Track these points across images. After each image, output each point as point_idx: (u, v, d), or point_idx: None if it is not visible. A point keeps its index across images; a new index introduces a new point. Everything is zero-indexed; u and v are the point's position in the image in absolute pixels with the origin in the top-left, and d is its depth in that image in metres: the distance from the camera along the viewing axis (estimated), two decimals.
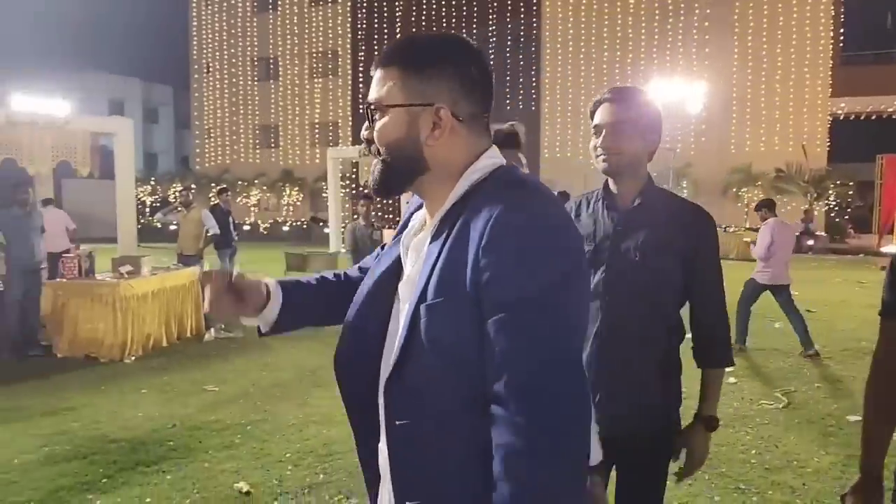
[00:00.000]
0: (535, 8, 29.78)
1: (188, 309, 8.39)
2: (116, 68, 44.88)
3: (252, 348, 7.79)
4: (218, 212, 10.16)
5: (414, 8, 31.54)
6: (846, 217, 25.66)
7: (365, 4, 32.68)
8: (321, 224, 26.60)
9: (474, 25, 30.15)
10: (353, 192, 27.00)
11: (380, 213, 24.30)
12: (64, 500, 3.92)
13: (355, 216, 8.41)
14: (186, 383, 6.37)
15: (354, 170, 25.23)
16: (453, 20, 30.78)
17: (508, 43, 30.16)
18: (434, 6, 31.29)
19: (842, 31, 27.14)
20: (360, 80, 32.32)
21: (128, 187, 10.94)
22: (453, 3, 30.87)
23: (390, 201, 26.80)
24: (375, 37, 32.21)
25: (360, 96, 32.31)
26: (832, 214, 25.56)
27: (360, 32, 32.66)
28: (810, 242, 20.88)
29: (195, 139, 37.24)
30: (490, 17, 30.29)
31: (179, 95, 45.40)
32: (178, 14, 38.66)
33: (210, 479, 4.18)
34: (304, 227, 29.97)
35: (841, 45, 27.27)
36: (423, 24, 31.32)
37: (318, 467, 4.32)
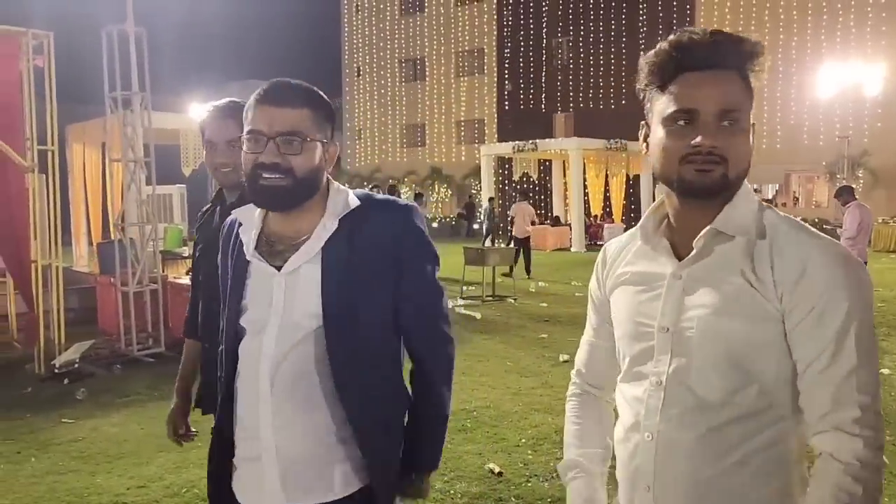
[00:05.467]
0: None
1: None
2: (273, 75, 47.60)
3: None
4: None
5: (560, 3, 31.27)
6: None
7: (511, 1, 32.80)
8: (467, 220, 27.17)
9: (623, 15, 29.50)
10: (507, 186, 27.32)
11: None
12: None
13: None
14: None
15: (507, 166, 25.39)
16: (601, 11, 30.24)
17: (660, 32, 29.26)
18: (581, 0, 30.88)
19: None
20: (507, 77, 32.49)
21: None
22: None
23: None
24: (521, 33, 32.26)
25: (506, 93, 32.53)
26: None
27: (506, 30, 32.83)
28: None
29: (347, 140, 38.95)
30: (640, 4, 29.48)
31: (331, 99, 48.00)
32: (330, 22, 40.53)
33: (456, 459, 4.39)
34: (453, 223, 30.63)
35: None
36: (571, 17, 31.00)
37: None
